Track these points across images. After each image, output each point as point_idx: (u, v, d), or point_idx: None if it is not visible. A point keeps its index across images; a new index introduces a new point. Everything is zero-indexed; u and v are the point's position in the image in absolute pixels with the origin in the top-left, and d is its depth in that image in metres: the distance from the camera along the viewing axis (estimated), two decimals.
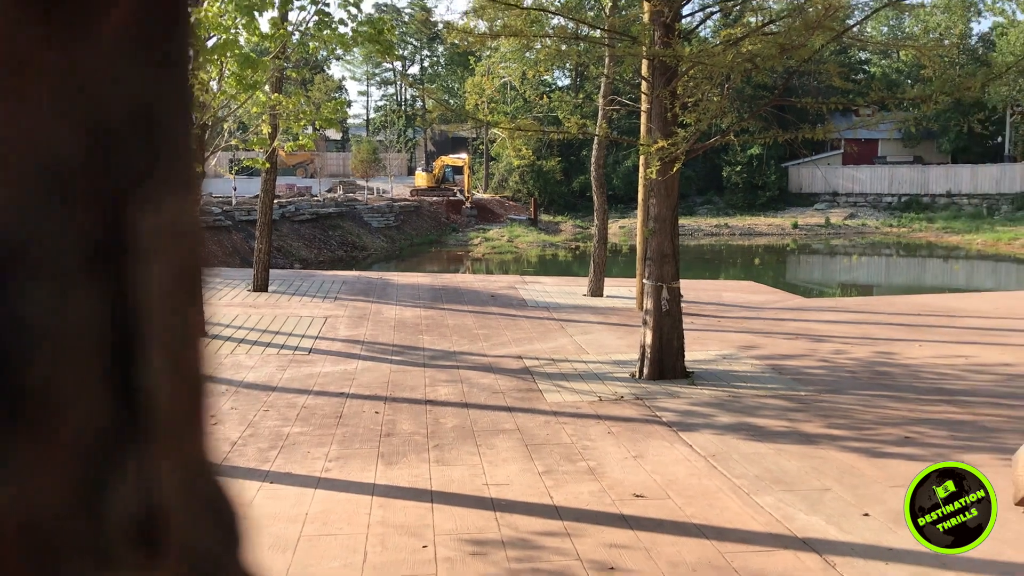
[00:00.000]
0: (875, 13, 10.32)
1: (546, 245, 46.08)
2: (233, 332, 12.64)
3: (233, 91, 11.55)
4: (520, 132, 14.13)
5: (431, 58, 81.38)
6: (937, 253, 43.04)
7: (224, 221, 35.84)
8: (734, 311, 15.50)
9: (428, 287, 18.09)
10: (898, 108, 11.60)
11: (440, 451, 7.34)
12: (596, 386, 9.75)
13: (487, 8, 10.46)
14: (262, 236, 17.25)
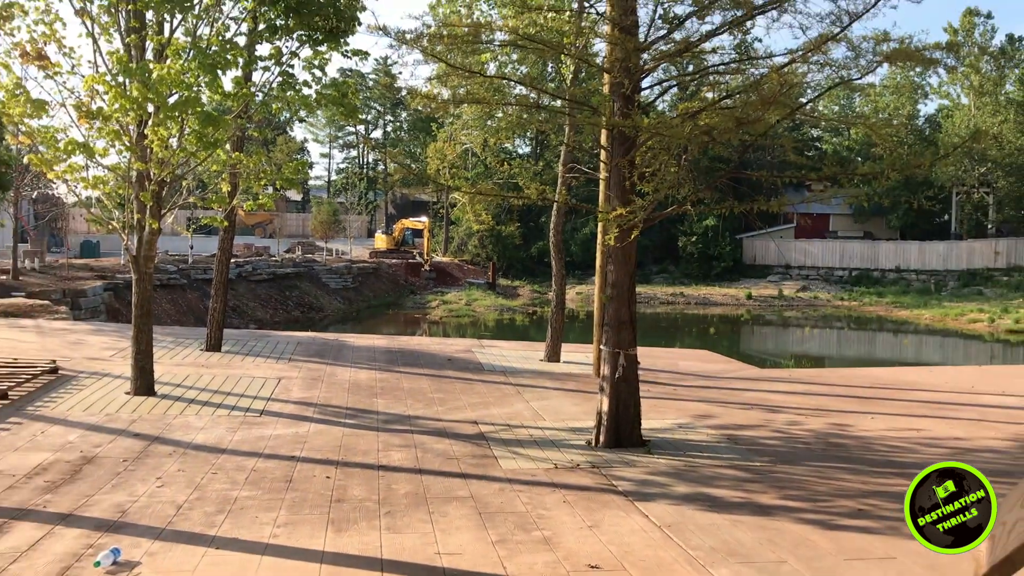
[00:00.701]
0: (828, 91, 10.64)
1: (504, 309, 46.12)
2: (183, 392, 12.38)
3: (193, 148, 11.51)
4: (480, 197, 14.23)
5: (394, 123, 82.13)
6: (887, 327, 43.82)
7: (179, 279, 35.41)
8: (690, 380, 15.56)
9: (384, 349, 17.93)
10: (849, 184, 11.90)
11: (392, 518, 7.19)
12: (552, 453, 9.67)
13: (451, 76, 10.59)
14: (217, 295, 17.05)
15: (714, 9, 9.50)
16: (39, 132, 11.37)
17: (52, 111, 11.41)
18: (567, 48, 12.12)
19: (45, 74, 11.41)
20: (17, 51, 11.21)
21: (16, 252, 29.09)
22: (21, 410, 10.68)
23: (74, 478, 8.01)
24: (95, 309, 28.13)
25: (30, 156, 11.67)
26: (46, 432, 9.71)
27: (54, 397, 11.50)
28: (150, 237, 11.95)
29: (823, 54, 9.28)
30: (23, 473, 8.08)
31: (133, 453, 9.00)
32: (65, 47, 11.49)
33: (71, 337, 17.29)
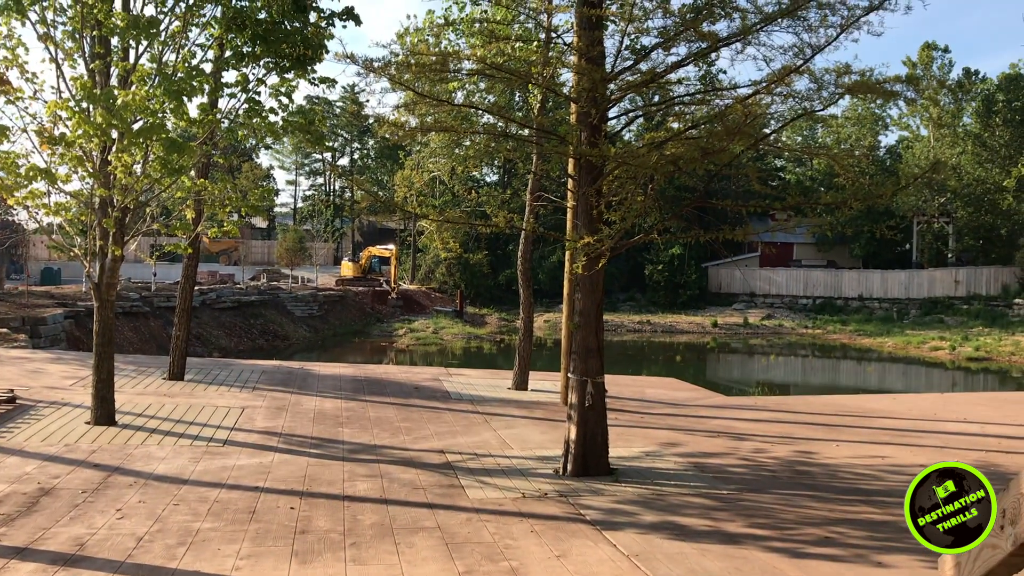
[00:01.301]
0: (791, 122, 10.80)
1: (471, 337, 46.01)
2: (145, 422, 12.17)
3: (157, 175, 11.41)
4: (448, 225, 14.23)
5: (362, 150, 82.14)
6: (851, 355, 44.30)
7: (142, 307, 34.94)
8: (657, 407, 15.58)
9: (350, 378, 17.79)
10: (813, 213, 12.06)
11: (357, 549, 7.08)
12: (519, 482, 9.61)
13: (418, 104, 10.62)
14: (180, 323, 16.84)
15: (680, 41, 9.62)
16: (0, 157, 11.21)
17: (13, 136, 11.26)
18: (534, 77, 12.20)
19: (7, 99, 11.26)
20: None
21: None
22: None
23: (31, 510, 7.82)
24: (55, 337, 27.64)
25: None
26: (2, 463, 9.48)
27: (11, 427, 11.25)
28: (112, 264, 11.79)
29: (786, 86, 9.44)
30: None
31: (92, 484, 8.81)
32: (28, 72, 11.38)
33: (30, 366, 16.97)
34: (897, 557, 7.18)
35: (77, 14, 11.07)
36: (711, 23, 9.48)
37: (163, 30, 11.49)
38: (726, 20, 9.46)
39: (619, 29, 10.10)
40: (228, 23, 12.07)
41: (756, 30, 9.30)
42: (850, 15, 9.00)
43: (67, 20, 11.32)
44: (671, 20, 9.59)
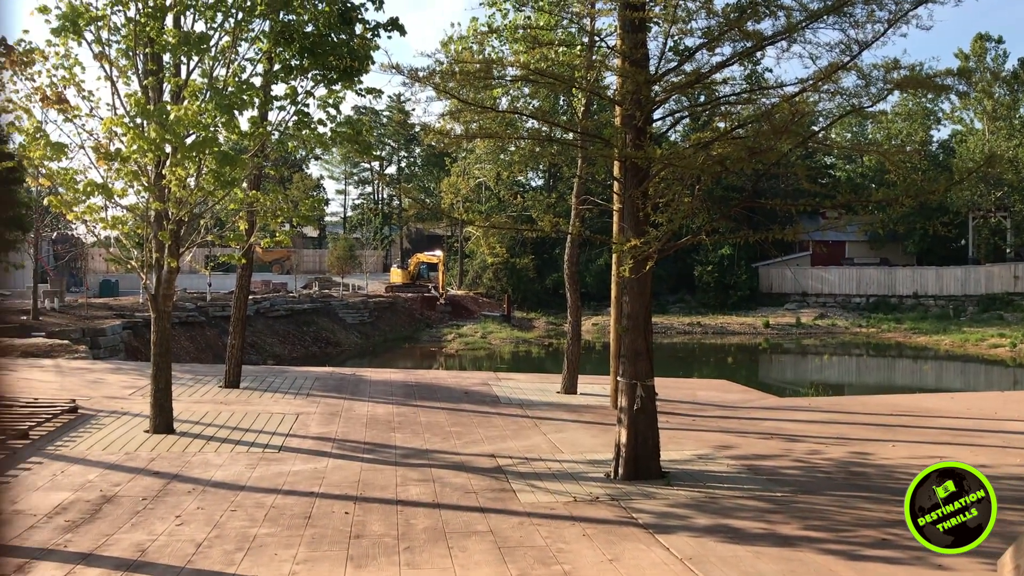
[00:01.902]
0: (839, 119, 10.69)
1: (519, 342, 46.07)
2: (202, 429, 12.41)
3: (211, 188, 11.65)
4: (494, 230, 14.30)
5: (408, 158, 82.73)
6: (906, 353, 43.47)
7: (198, 317, 35.60)
8: (708, 410, 15.47)
9: (401, 383, 17.94)
10: (864, 211, 11.89)
11: (411, 554, 7.16)
12: (571, 486, 9.62)
13: (463, 111, 10.70)
14: (235, 332, 17.13)
15: (724, 41, 9.57)
16: (59, 174, 11.54)
17: (71, 153, 11.59)
18: (578, 82, 12.23)
19: (64, 117, 11.59)
20: (38, 95, 11.41)
21: (36, 293, 29.38)
22: (41, 450, 10.74)
23: (94, 517, 8.03)
24: (114, 348, 28.31)
25: (50, 198, 11.83)
26: (66, 471, 9.75)
27: (74, 436, 11.56)
28: (168, 276, 12.06)
29: (834, 83, 9.33)
30: (44, 513, 8.11)
31: (152, 491, 9.02)
32: (84, 90, 11.69)
33: (90, 376, 17.40)
34: (957, 560, 7.05)
35: (130, 32, 11.36)
36: (755, 22, 9.41)
37: (213, 45, 11.75)
38: (771, 19, 9.39)
39: (662, 31, 10.08)
40: (276, 37, 12.30)
41: (802, 28, 9.21)
42: (897, 10, 8.87)
43: (121, 39, 11.61)
44: (715, 20, 9.55)
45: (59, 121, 11.69)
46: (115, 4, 11.26)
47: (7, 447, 10.66)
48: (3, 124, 12.63)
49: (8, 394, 14.22)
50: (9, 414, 12.36)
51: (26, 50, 11.20)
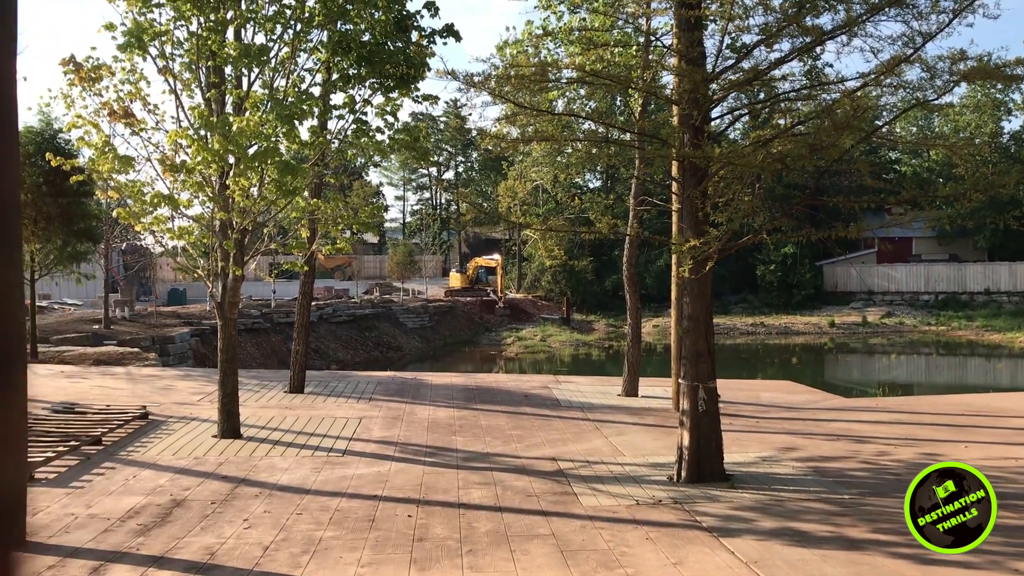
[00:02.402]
0: (904, 113, 10.44)
1: (579, 344, 45.95)
2: (268, 434, 12.63)
3: (273, 197, 11.86)
4: (552, 233, 14.29)
5: (465, 163, 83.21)
6: (979, 352, 42.27)
7: (263, 323, 36.27)
8: (773, 411, 15.24)
9: (462, 387, 18.03)
10: (931, 206, 11.61)
11: (474, 556, 7.19)
12: (633, 489, 9.56)
13: (519, 115, 10.72)
14: (299, 338, 17.40)
15: (782, 37, 9.43)
16: (126, 186, 11.86)
17: (138, 166, 11.91)
18: (634, 82, 12.15)
19: (131, 131, 11.92)
20: (105, 110, 11.74)
21: (107, 302, 30.24)
22: (114, 455, 11.04)
23: (165, 521, 8.23)
24: (183, 355, 28.99)
25: (118, 210, 12.17)
26: (138, 476, 10.01)
27: (145, 442, 11.86)
28: (234, 284, 12.30)
29: (897, 76, 9.13)
30: (117, 516, 8.33)
31: (221, 495, 9.20)
32: (149, 104, 12.00)
33: (160, 383, 17.83)
34: None
35: (193, 46, 11.64)
36: (814, 17, 9.26)
37: (273, 57, 11.97)
38: (830, 13, 9.22)
39: (719, 28, 9.98)
40: (334, 47, 12.47)
41: (862, 21, 9.03)
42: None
43: (184, 53, 11.90)
44: (773, 16, 9.41)
45: (126, 135, 12.02)
46: (178, 19, 11.54)
47: (81, 452, 10.99)
48: (73, 139, 13.01)
49: (81, 401, 14.65)
50: (83, 420, 12.75)
51: (94, 66, 11.53)
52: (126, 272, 44.35)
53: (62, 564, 6.96)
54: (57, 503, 8.79)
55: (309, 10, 12.09)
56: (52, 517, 8.30)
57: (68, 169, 12.57)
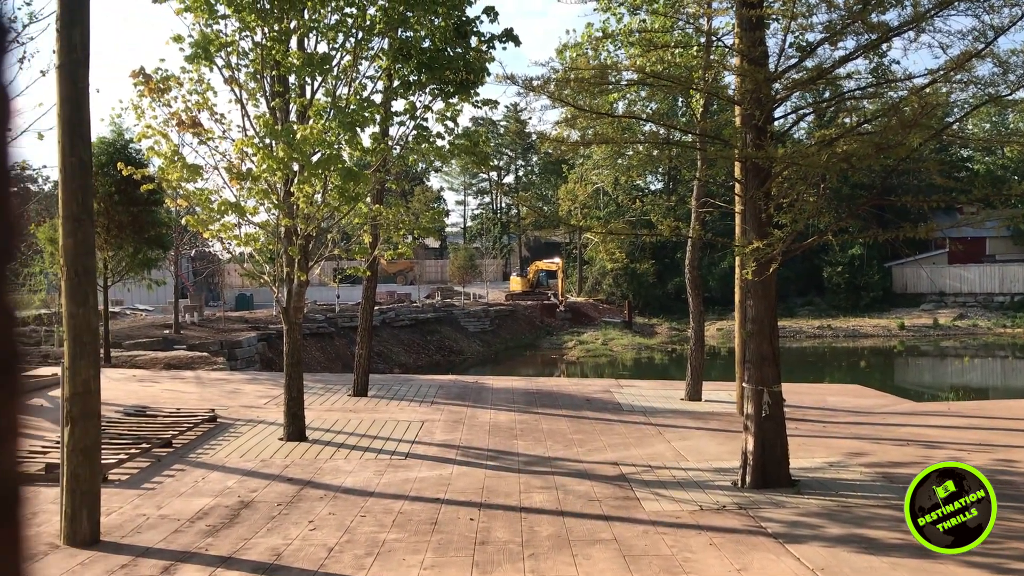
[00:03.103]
0: (975, 110, 10.17)
1: (641, 348, 45.64)
2: (333, 437, 12.80)
3: (336, 203, 12.02)
4: (612, 236, 14.23)
5: (526, 167, 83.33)
6: None
7: (327, 328, 36.80)
8: (840, 416, 14.93)
9: (523, 391, 18.04)
10: (1005, 205, 11.25)
11: (535, 561, 7.18)
12: (696, 494, 9.46)
13: (579, 118, 10.70)
14: (362, 342, 17.60)
15: (847, 34, 9.25)
16: (195, 195, 12.15)
17: (206, 174, 12.20)
18: (695, 83, 12.04)
19: (199, 140, 12.20)
20: (174, 120, 12.04)
21: (177, 307, 30.99)
22: (184, 457, 11.30)
23: (233, 522, 8.39)
24: (250, 359, 29.56)
25: (187, 217, 12.46)
26: (207, 478, 10.23)
27: (213, 444, 12.12)
28: (298, 289, 12.50)
29: (967, 72, 8.89)
30: (187, 517, 8.53)
31: (286, 497, 9.36)
32: (216, 114, 12.27)
33: (228, 386, 18.20)
34: None
35: (258, 57, 11.87)
36: (880, 13, 9.06)
37: (335, 65, 12.15)
38: (896, 8, 9.01)
39: (782, 27, 9.83)
40: (395, 54, 12.61)
41: (930, 16, 8.81)
42: None
43: (249, 63, 12.14)
44: (837, 14, 9.24)
45: (194, 144, 12.32)
46: (243, 30, 11.79)
47: (152, 455, 11.28)
48: (143, 149, 13.39)
49: (153, 405, 15.04)
50: (154, 423, 13.08)
51: (163, 78, 11.84)
52: (195, 278, 45.41)
53: (134, 563, 7.15)
54: (129, 504, 9.03)
55: (370, 18, 12.24)
56: (125, 517, 8.53)
57: (139, 178, 12.94)
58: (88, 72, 7.91)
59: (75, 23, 7.76)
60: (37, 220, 23.10)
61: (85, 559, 7.29)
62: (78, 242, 7.83)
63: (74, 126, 7.80)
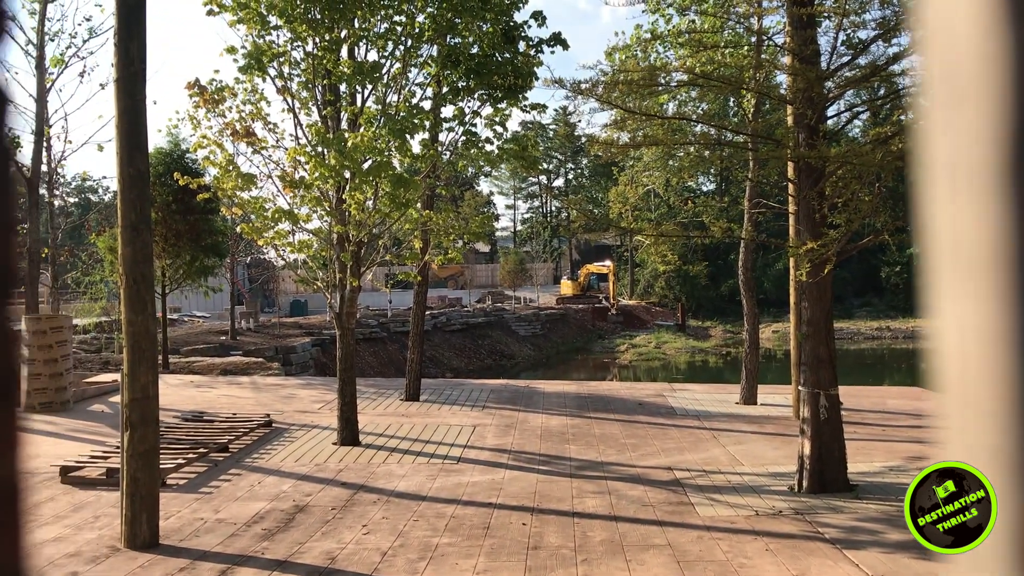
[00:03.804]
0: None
1: (695, 351, 45.22)
2: (386, 441, 12.89)
3: (387, 210, 12.12)
4: (664, 238, 14.12)
5: (575, 170, 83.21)
6: None
7: (380, 333, 37.13)
8: (900, 419, 14.62)
9: (574, 395, 17.98)
10: None
11: (588, 566, 7.14)
12: (752, 499, 9.33)
13: (628, 120, 10.64)
14: (414, 346, 17.71)
15: (902, 30, 9.07)
16: (249, 203, 12.34)
17: (260, 183, 12.39)
18: (746, 83, 11.90)
19: (253, 149, 12.39)
20: (228, 130, 12.25)
21: (233, 314, 31.53)
22: (240, 462, 11.47)
23: (288, 526, 8.49)
24: (304, 364, 29.94)
25: (242, 225, 12.66)
26: (262, 482, 10.37)
27: (269, 449, 12.29)
28: (351, 294, 12.63)
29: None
30: (243, 521, 8.65)
31: (341, 501, 9.44)
32: (269, 123, 12.45)
33: (283, 392, 18.45)
34: None
35: (309, 66, 12.03)
36: None
37: (385, 73, 12.26)
38: None
39: (833, 25, 9.67)
40: (443, 61, 12.68)
41: None
42: None
43: (300, 72, 12.31)
44: (890, 10, 9.07)
45: (248, 153, 12.51)
46: (294, 40, 11.96)
47: (210, 459, 11.47)
48: (199, 159, 13.65)
49: (210, 410, 15.30)
50: (211, 428, 13.30)
51: (217, 89, 12.05)
52: (251, 285, 46.16)
53: (192, 567, 7.28)
54: (187, 508, 9.19)
55: (419, 26, 12.33)
56: (183, 521, 8.68)
57: (195, 187, 13.19)
58: (145, 85, 8.08)
59: (132, 37, 7.94)
60: (98, 230, 23.66)
61: (145, 562, 7.44)
62: (136, 251, 8.00)
63: (132, 138, 7.99)
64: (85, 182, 58.22)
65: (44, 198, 21.02)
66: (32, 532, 8.31)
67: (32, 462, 11.32)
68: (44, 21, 19.55)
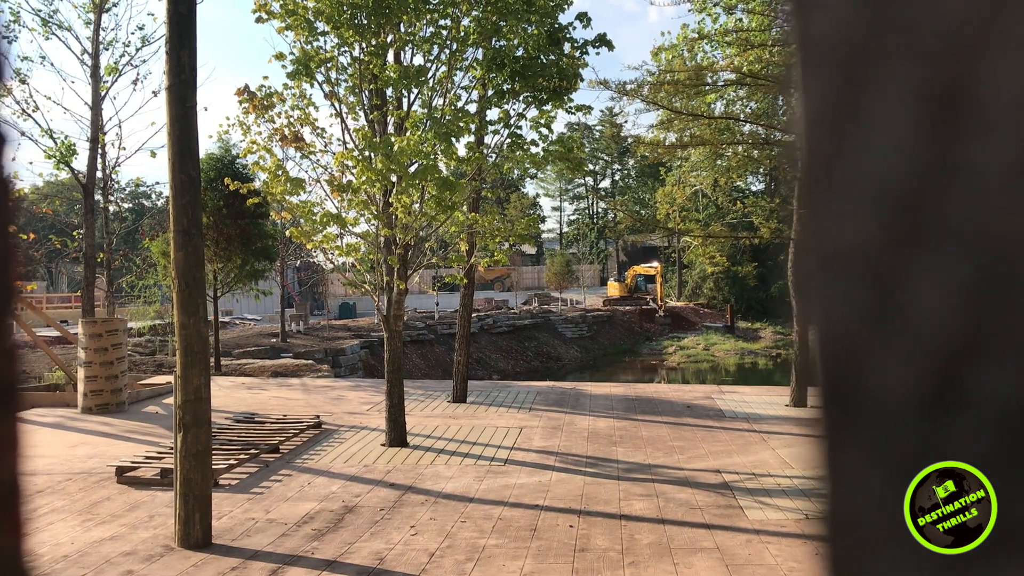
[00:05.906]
0: None
1: (744, 353, 44.75)
2: (433, 442, 12.96)
3: (433, 212, 12.19)
4: (712, 239, 14.02)
5: (622, 171, 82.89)
6: None
7: (427, 335, 37.34)
8: None
9: (621, 397, 17.90)
10: None
11: (636, 568, 7.11)
12: (802, 503, 9.21)
13: (675, 120, 10.58)
14: (461, 348, 17.77)
15: None
16: (298, 207, 12.50)
17: (308, 187, 12.54)
18: None
19: (301, 154, 12.56)
20: (277, 136, 12.42)
21: (283, 317, 31.94)
22: (290, 463, 11.62)
23: (337, 526, 8.58)
24: (353, 366, 30.23)
25: (292, 229, 12.83)
26: (312, 483, 10.49)
27: (318, 450, 12.42)
28: (398, 297, 12.72)
29: None
30: (293, 521, 8.76)
31: (389, 502, 9.51)
32: (317, 128, 12.60)
33: (332, 393, 18.64)
34: None
35: (356, 71, 12.15)
36: None
37: (431, 77, 12.33)
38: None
39: None
40: (488, 63, 12.72)
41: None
42: None
43: (347, 77, 12.44)
44: None
45: (297, 158, 12.69)
46: (341, 46, 12.09)
47: (261, 460, 11.63)
48: (249, 164, 13.87)
49: (261, 411, 15.52)
50: (262, 430, 13.50)
51: (266, 95, 12.23)
52: (300, 288, 46.74)
53: (243, 566, 7.39)
54: (239, 508, 9.33)
55: (464, 29, 12.39)
56: (235, 521, 8.82)
57: (245, 192, 13.40)
58: (196, 92, 8.23)
59: (183, 45, 8.10)
60: (151, 234, 24.15)
61: (198, 561, 7.57)
62: (188, 255, 8.15)
63: (183, 144, 8.14)
64: (139, 187, 59.49)
65: (99, 204, 21.52)
66: (90, 530, 8.51)
67: (88, 462, 11.59)
68: (99, 31, 20.03)
